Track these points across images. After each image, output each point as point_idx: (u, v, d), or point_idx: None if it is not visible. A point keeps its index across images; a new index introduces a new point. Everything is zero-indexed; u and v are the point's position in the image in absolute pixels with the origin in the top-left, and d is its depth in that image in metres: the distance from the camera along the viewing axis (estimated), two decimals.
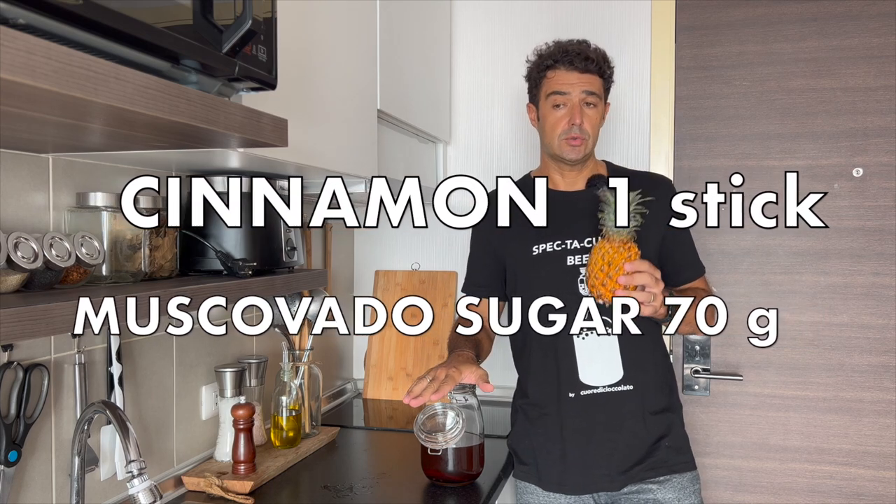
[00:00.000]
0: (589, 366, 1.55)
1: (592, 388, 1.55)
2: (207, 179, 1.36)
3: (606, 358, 1.55)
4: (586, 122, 1.56)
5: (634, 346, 1.56)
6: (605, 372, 1.55)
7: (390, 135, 1.86)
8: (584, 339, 1.55)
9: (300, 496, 1.49)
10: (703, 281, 1.69)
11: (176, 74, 0.89)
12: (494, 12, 2.28)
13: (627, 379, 1.55)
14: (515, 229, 1.65)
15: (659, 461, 1.56)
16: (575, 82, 1.55)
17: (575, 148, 1.56)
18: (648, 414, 1.56)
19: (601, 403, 1.55)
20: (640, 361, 1.56)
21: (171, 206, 1.32)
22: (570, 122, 1.55)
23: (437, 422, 1.49)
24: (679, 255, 1.64)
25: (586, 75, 1.55)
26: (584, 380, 1.55)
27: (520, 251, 1.63)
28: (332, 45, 1.43)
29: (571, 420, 1.56)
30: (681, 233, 1.64)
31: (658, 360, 1.61)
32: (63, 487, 1.22)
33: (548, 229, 1.61)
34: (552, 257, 1.58)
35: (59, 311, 0.79)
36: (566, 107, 1.56)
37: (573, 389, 1.55)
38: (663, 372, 1.63)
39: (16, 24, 0.64)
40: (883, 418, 2.05)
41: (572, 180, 1.66)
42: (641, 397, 1.56)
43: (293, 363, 1.73)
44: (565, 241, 1.58)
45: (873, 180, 2.05)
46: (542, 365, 1.60)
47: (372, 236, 2.42)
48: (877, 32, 2.03)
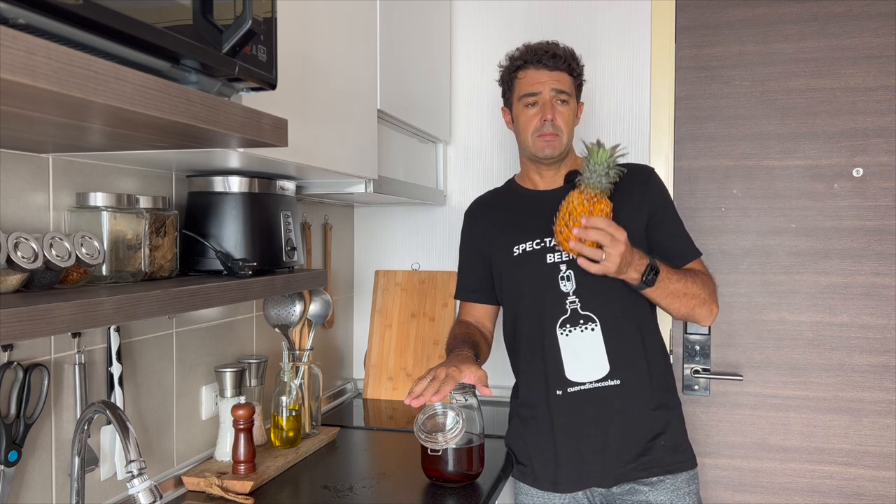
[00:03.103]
0: (574, 362, 1.54)
1: (579, 385, 1.54)
2: (207, 179, 1.37)
3: (591, 353, 1.54)
4: (558, 117, 1.57)
5: (621, 341, 1.55)
6: (591, 367, 1.54)
7: (390, 135, 1.86)
8: (568, 335, 1.55)
9: (300, 496, 1.49)
10: (698, 264, 1.65)
11: (176, 74, 0.89)
12: (494, 12, 2.28)
13: (614, 374, 1.53)
14: (498, 232, 1.68)
15: (653, 460, 1.55)
16: (545, 80, 1.57)
17: (549, 143, 1.57)
18: (640, 410, 1.55)
19: (589, 400, 1.54)
20: (627, 356, 1.55)
21: (171, 206, 1.32)
22: (542, 118, 1.57)
23: (437, 422, 1.49)
24: (666, 241, 1.61)
25: (556, 73, 1.57)
26: (570, 376, 1.54)
27: (502, 253, 1.64)
28: (332, 45, 1.43)
29: (560, 418, 1.56)
30: (664, 218, 1.62)
31: (650, 356, 1.59)
32: (63, 487, 1.22)
33: (527, 229, 1.62)
34: (532, 256, 1.59)
35: (59, 311, 0.79)
36: (538, 105, 1.58)
37: (560, 387, 1.55)
38: (656, 367, 1.60)
39: (16, 24, 0.64)
40: (883, 418, 2.05)
41: (551, 179, 1.66)
42: (630, 393, 1.54)
43: (293, 363, 1.73)
44: (544, 240, 1.59)
45: (873, 180, 2.04)
46: (530, 364, 1.61)
47: (372, 236, 2.42)
48: (877, 32, 2.03)
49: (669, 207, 1.65)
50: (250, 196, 1.36)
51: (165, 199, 1.25)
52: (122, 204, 1.15)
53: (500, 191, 1.81)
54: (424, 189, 2.11)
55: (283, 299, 1.73)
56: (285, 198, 1.45)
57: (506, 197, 1.76)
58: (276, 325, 1.73)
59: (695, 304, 1.54)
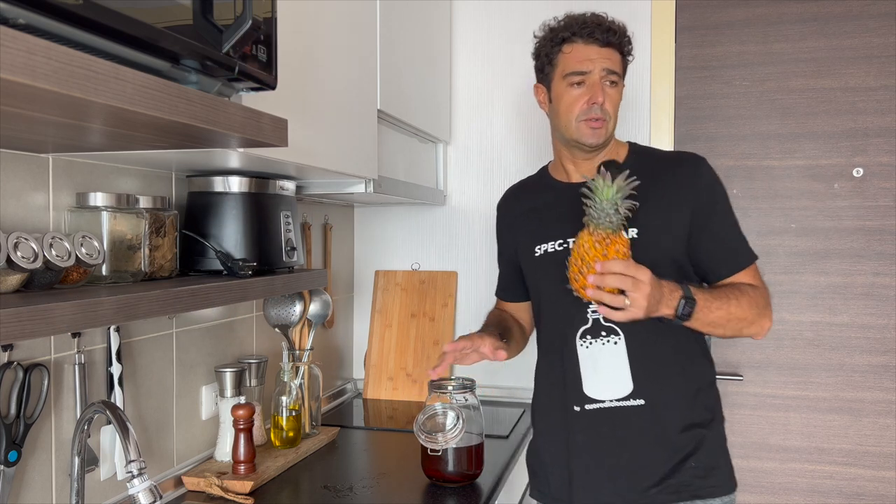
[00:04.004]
0: (594, 376, 1.39)
1: (598, 402, 1.39)
2: (207, 179, 1.37)
3: (613, 368, 1.38)
4: (608, 101, 1.39)
5: (647, 357, 1.38)
6: (612, 384, 1.38)
7: (390, 135, 1.86)
8: (588, 346, 1.39)
9: (300, 496, 1.49)
10: (749, 275, 1.41)
11: (176, 74, 0.88)
12: (494, 12, 2.28)
13: (638, 393, 1.37)
14: (522, 227, 1.54)
15: (681, 484, 1.37)
16: (595, 57, 1.38)
17: (595, 131, 1.39)
18: (667, 432, 1.38)
19: (608, 420, 1.39)
20: (654, 373, 1.38)
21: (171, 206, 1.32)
22: (591, 101, 1.38)
23: (437, 422, 1.49)
24: (711, 247, 1.40)
25: (606, 49, 1.39)
26: (588, 392, 1.39)
27: (525, 252, 1.52)
28: (332, 45, 1.43)
29: (577, 435, 1.42)
30: (711, 219, 1.41)
31: (682, 370, 1.41)
32: (63, 487, 1.22)
33: (550, 227, 1.47)
34: (553, 259, 1.44)
35: (59, 311, 0.79)
36: (585, 86, 1.39)
37: (578, 402, 1.41)
38: (690, 382, 1.41)
39: (16, 24, 0.64)
40: (883, 418, 2.05)
41: (585, 170, 1.47)
42: (656, 414, 1.37)
43: (293, 363, 1.73)
44: (567, 240, 1.42)
45: (873, 180, 2.04)
46: (549, 374, 1.49)
47: (372, 236, 2.42)
48: (877, 32, 2.03)
49: (719, 206, 1.42)
50: (250, 196, 1.36)
51: (165, 199, 1.25)
52: (122, 204, 1.15)
53: (530, 180, 1.64)
54: (424, 189, 2.11)
55: (283, 299, 1.73)
56: (285, 198, 1.45)
57: (535, 188, 1.60)
58: (276, 325, 1.73)
59: (741, 326, 1.36)
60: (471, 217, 2.32)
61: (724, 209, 1.43)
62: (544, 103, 1.50)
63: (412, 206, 2.33)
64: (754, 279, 1.42)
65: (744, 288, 1.37)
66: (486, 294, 2.26)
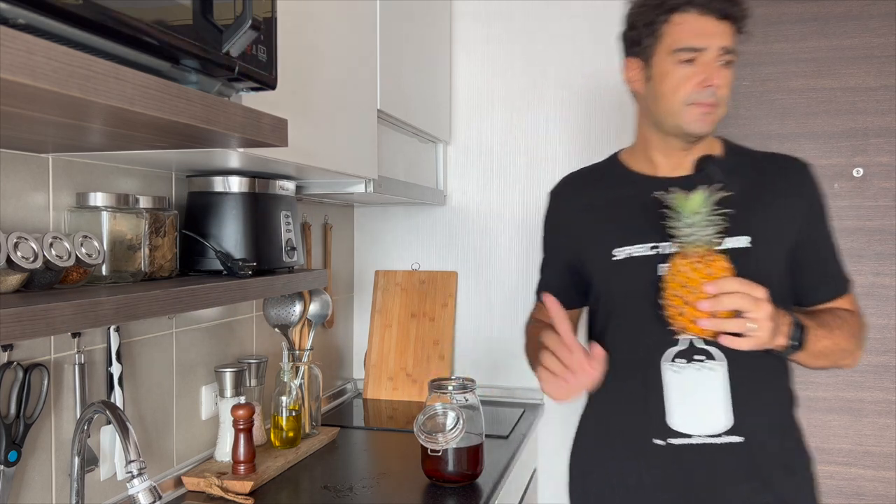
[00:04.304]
0: (682, 406, 1.19)
1: (685, 437, 1.19)
2: (207, 179, 1.37)
3: (707, 398, 1.18)
4: (723, 84, 1.19)
5: (750, 386, 1.19)
6: (705, 416, 1.19)
7: (390, 135, 1.86)
8: (679, 371, 1.20)
9: (300, 496, 1.49)
10: (848, 300, 1.27)
11: (176, 74, 0.89)
12: (494, 12, 2.28)
13: (739, 428, 1.18)
14: (593, 224, 1.32)
15: None
16: (712, 33, 1.17)
17: (705, 116, 1.19)
18: (765, 476, 1.20)
19: (697, 459, 1.19)
20: (758, 404, 1.20)
21: (171, 206, 1.32)
22: (705, 83, 1.18)
23: (437, 422, 1.49)
24: (814, 266, 1.25)
25: (724, 24, 1.18)
26: (673, 424, 1.20)
27: (597, 254, 1.29)
28: (331, 45, 1.43)
29: (654, 476, 1.22)
30: (817, 235, 1.25)
31: (784, 400, 1.26)
32: (63, 487, 1.22)
33: (635, 227, 1.26)
34: (640, 264, 1.23)
35: (58, 311, 0.79)
36: (697, 63, 1.18)
37: (660, 436, 1.21)
38: (785, 417, 1.26)
39: (16, 24, 0.64)
40: (883, 418, 2.05)
41: (677, 162, 1.28)
42: (754, 454, 1.19)
43: (293, 363, 1.73)
44: (659, 244, 1.22)
45: (873, 180, 2.05)
46: (624, 397, 1.27)
47: (372, 236, 2.42)
48: (877, 32, 2.03)
49: (824, 220, 1.26)
50: (250, 196, 1.36)
51: (165, 199, 1.25)
52: (122, 204, 1.15)
53: (597, 169, 1.41)
54: (424, 189, 2.11)
55: (283, 299, 1.73)
56: (285, 198, 1.45)
57: (606, 179, 1.37)
58: (276, 325, 1.73)
59: (841, 357, 1.21)
60: (471, 217, 2.32)
61: (827, 225, 1.27)
62: (638, 81, 1.27)
63: (412, 206, 2.33)
64: (852, 305, 1.28)
65: (842, 314, 1.23)
66: (487, 294, 2.26)
